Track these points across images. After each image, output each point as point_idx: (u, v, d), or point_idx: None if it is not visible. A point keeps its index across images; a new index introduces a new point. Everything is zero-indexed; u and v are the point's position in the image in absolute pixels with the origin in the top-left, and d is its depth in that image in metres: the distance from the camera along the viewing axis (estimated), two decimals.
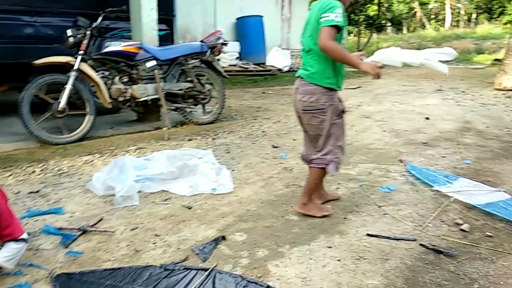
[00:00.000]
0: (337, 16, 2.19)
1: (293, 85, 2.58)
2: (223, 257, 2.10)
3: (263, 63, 11.52)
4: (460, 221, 2.47)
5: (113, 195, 2.83)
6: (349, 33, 25.50)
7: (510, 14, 12.09)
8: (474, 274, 1.93)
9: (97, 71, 4.52)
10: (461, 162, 3.68)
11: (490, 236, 2.29)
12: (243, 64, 10.85)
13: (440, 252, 2.11)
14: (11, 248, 1.87)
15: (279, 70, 11.64)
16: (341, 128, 2.48)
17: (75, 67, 4.22)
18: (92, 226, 2.41)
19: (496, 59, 13.87)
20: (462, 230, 2.37)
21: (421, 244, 2.20)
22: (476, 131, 4.90)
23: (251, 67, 10.88)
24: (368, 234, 2.33)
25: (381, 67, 2.20)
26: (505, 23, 21.63)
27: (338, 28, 2.21)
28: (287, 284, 1.87)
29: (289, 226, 2.46)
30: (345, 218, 2.56)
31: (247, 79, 10.22)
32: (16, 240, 1.89)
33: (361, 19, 18.53)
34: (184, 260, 2.07)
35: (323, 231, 2.38)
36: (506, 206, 2.60)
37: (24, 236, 1.94)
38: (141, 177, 3.06)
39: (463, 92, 8.05)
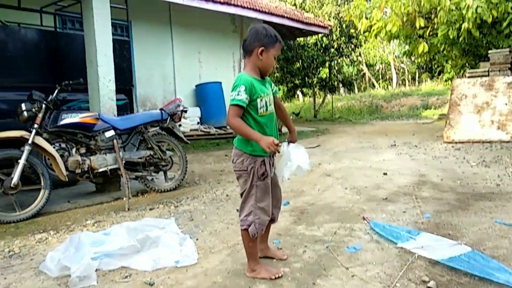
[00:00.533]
0: (238, 94, 2.40)
1: None
2: None
3: (225, 127, 11.73)
4: (427, 278, 2.48)
5: (69, 275, 2.65)
6: (304, 94, 26.77)
7: (449, 72, 13.27)
8: None
9: (53, 144, 4.42)
10: (421, 216, 3.78)
11: None
12: (204, 128, 11.00)
13: None
14: None
15: None
16: (263, 191, 2.56)
17: (29, 141, 4.11)
18: None
19: (442, 114, 14.89)
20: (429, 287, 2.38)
21: None
22: (432, 184, 5.10)
23: (213, 130, 11.03)
24: None
25: (277, 144, 2.34)
26: (446, 80, 23.52)
27: (241, 106, 2.42)
28: None
29: None
30: (314, 284, 2.51)
31: (210, 142, 10.31)
32: None
33: (315, 81, 19.55)
34: None
35: None
36: (468, 259, 2.65)
37: None
38: (99, 254, 2.90)
39: (416, 146, 8.47)
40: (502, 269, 2.48)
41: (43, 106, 4.36)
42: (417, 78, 30.00)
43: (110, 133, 4.77)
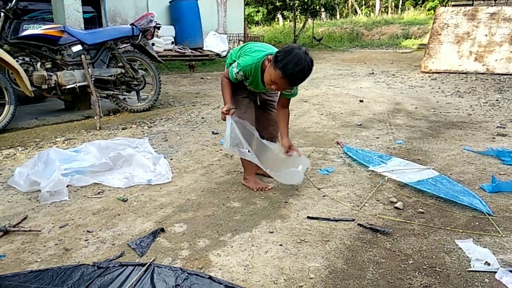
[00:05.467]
0: (236, 73, 2.54)
1: None
2: (162, 250, 2.00)
3: (201, 48, 11.29)
4: (394, 199, 2.57)
5: (39, 191, 2.60)
6: (285, 18, 25.78)
7: (433, 1, 12.88)
8: (408, 250, 2.01)
9: (15, 57, 4.12)
10: (393, 142, 3.85)
11: (422, 213, 2.40)
12: (179, 49, 10.55)
13: (377, 231, 2.18)
14: None
15: (217, 55, 11.47)
16: (240, 103, 2.71)
17: None
18: (15, 226, 2.19)
19: (421, 44, 14.75)
20: (396, 208, 2.47)
21: (359, 224, 2.26)
22: (406, 112, 5.16)
23: (188, 52, 10.61)
24: (308, 217, 2.35)
25: (225, 112, 2.56)
26: (429, 9, 23.01)
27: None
28: (229, 273, 1.82)
29: (230, 213, 2.41)
30: (286, 202, 2.56)
31: (184, 64, 9.96)
32: None
33: (296, 4, 18.74)
34: (120, 256, 1.94)
35: (265, 217, 2.37)
36: (435, 182, 2.75)
37: None
38: (69, 170, 2.84)
39: (393, 75, 8.46)
40: (467, 192, 2.59)
41: (1, 14, 3.99)
42: (400, 6, 29.22)
43: (77, 48, 4.47)
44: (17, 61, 4.11)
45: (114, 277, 1.76)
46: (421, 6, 25.47)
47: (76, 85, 4.43)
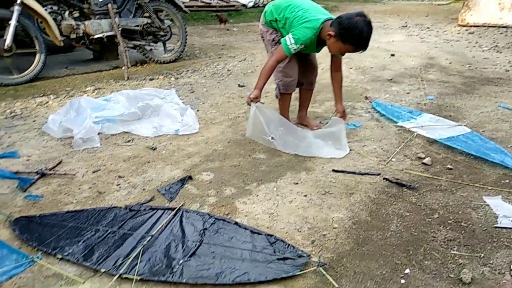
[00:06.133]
0: (294, 46, 2.47)
1: (258, 21, 2.55)
2: (190, 197, 2.07)
3: None
4: (422, 155, 2.53)
5: (72, 137, 2.69)
6: None
7: None
8: (434, 205, 2.01)
9: (44, 6, 4.12)
10: (425, 98, 3.73)
11: (450, 169, 2.37)
12: None
13: (403, 185, 2.17)
14: None
15: (244, 6, 11.17)
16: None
17: (18, 0, 3.81)
18: (51, 169, 2.30)
19: None
20: (424, 163, 2.44)
21: (384, 178, 2.25)
22: (440, 67, 4.95)
23: (214, 2, 10.36)
24: (333, 170, 2.36)
25: (252, 99, 2.49)
26: None
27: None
28: (254, 220, 1.87)
29: (256, 164, 2.44)
30: (311, 156, 2.56)
31: (210, 15, 9.76)
32: None
33: None
34: (150, 201, 2.02)
35: (290, 168, 2.39)
36: (466, 139, 2.68)
37: None
38: (100, 119, 2.91)
39: (428, 28, 8.06)
40: (499, 150, 2.52)
41: None
42: None
43: None
44: (45, 10, 4.12)
45: (145, 219, 1.84)
46: None
47: (103, 35, 4.43)
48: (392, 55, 5.57)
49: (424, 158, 2.49)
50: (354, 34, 2.32)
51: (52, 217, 1.84)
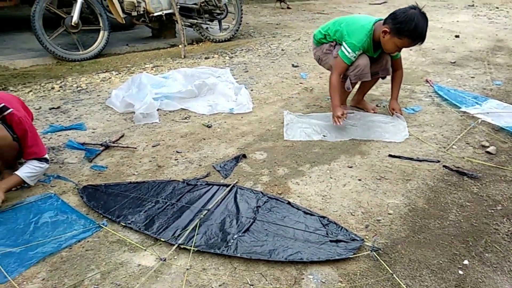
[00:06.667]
0: (350, 52, 2.46)
1: None
2: (244, 175, 2.11)
3: None
4: (487, 143, 2.40)
5: (133, 112, 2.82)
6: None
7: None
8: (498, 196, 1.91)
9: None
10: (491, 83, 3.51)
11: None
12: None
13: (464, 174, 2.08)
14: (34, 166, 1.90)
15: None
16: None
17: None
18: (114, 142, 2.43)
19: None
20: (488, 152, 2.31)
21: (444, 166, 2.17)
22: (509, 50, 4.61)
23: None
24: (390, 155, 2.30)
25: (339, 116, 2.48)
26: None
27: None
28: (307, 201, 1.88)
29: (309, 146, 2.44)
30: (366, 139, 2.51)
31: None
32: (39, 159, 1.92)
33: None
34: (206, 176, 2.09)
35: (344, 151, 2.36)
36: None
37: (47, 156, 1.96)
38: (159, 95, 3.02)
39: (497, 8, 7.49)
40: None
41: None
42: None
43: None
44: None
45: (201, 194, 1.91)
46: None
47: (162, 13, 4.54)
48: (457, 36, 5.25)
49: (488, 146, 2.36)
50: (410, 27, 2.29)
51: (116, 187, 1.96)
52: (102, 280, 1.40)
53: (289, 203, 1.84)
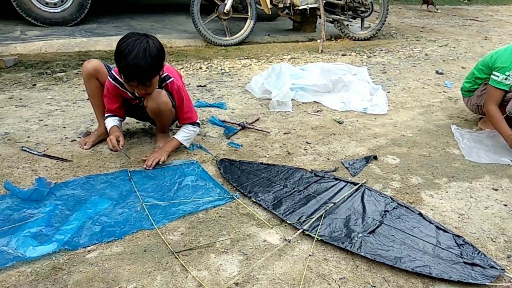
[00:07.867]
0: (507, 78, 2.28)
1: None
2: (373, 176, 2.05)
3: None
4: None
5: (269, 99, 2.94)
6: None
7: None
8: None
9: None
10: None
11: None
12: None
13: None
14: (189, 130, 2.14)
15: None
16: None
17: None
18: (250, 124, 2.57)
19: None
20: None
21: None
22: None
23: None
24: None
25: None
26: None
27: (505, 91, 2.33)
28: (441, 216, 1.76)
29: (449, 159, 2.26)
30: None
31: None
32: (193, 123, 2.15)
33: None
34: (334, 171, 2.09)
35: (489, 172, 2.13)
36: None
37: (199, 121, 2.19)
38: (295, 86, 3.09)
39: None
40: None
41: None
42: None
43: None
44: None
45: (328, 187, 1.92)
46: None
47: (308, 6, 4.62)
48: None
49: None
50: None
51: (249, 164, 2.08)
52: (231, 246, 1.51)
53: (420, 214, 1.73)
